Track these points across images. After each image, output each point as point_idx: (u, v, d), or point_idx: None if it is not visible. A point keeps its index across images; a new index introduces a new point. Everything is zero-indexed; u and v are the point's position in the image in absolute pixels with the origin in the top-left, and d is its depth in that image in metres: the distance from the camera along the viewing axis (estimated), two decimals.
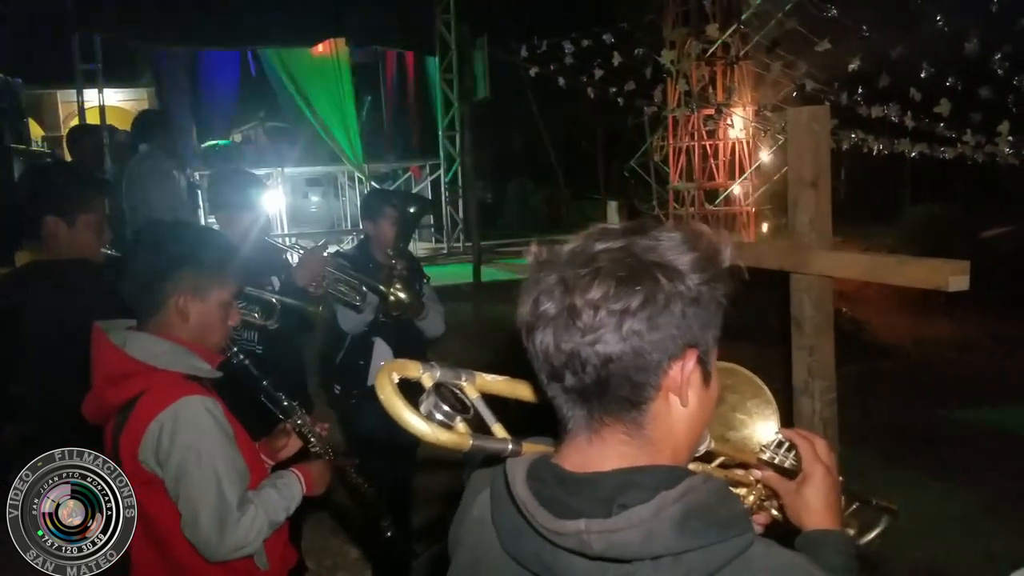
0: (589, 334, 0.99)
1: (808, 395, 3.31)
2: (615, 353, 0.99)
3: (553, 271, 1.03)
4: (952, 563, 4.74)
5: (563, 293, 1.01)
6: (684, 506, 0.97)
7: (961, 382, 9.19)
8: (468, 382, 1.16)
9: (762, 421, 1.47)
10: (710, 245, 1.05)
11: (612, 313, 0.98)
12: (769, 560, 1.00)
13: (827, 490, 1.34)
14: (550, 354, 1.03)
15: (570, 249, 1.05)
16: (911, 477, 6.03)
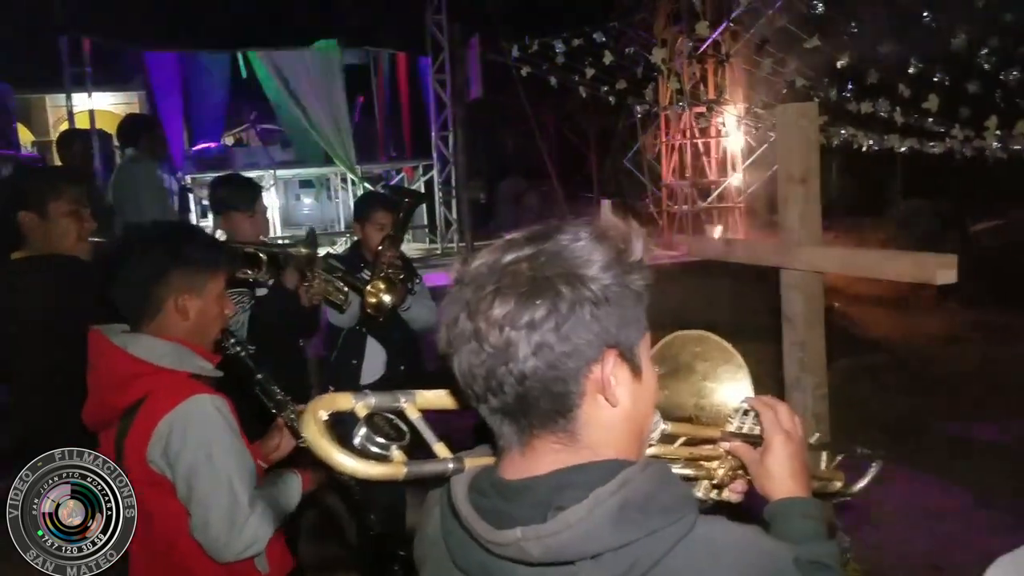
0: (499, 355, 0.99)
1: (800, 390, 3.33)
2: (529, 370, 0.98)
3: (460, 293, 1.03)
4: (947, 556, 4.77)
5: (467, 317, 1.01)
6: (620, 499, 0.97)
7: (952, 375, 9.24)
8: (407, 403, 1.15)
9: (734, 386, 1.45)
10: (620, 240, 1.04)
11: (518, 330, 0.97)
12: (714, 540, 1.00)
13: (789, 457, 1.32)
14: (468, 378, 1.03)
15: (477, 266, 1.05)
16: (904, 471, 6.05)
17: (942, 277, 2.45)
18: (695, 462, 1.37)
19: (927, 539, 5.15)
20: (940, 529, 5.29)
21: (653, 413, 1.18)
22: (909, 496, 5.65)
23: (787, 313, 3.29)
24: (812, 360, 3.28)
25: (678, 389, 1.47)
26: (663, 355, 1.49)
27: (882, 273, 2.79)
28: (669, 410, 1.43)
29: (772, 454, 1.33)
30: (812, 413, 3.31)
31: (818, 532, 1.28)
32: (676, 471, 1.32)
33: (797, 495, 1.31)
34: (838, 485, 1.66)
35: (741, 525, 1.06)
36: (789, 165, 3.16)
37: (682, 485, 1.07)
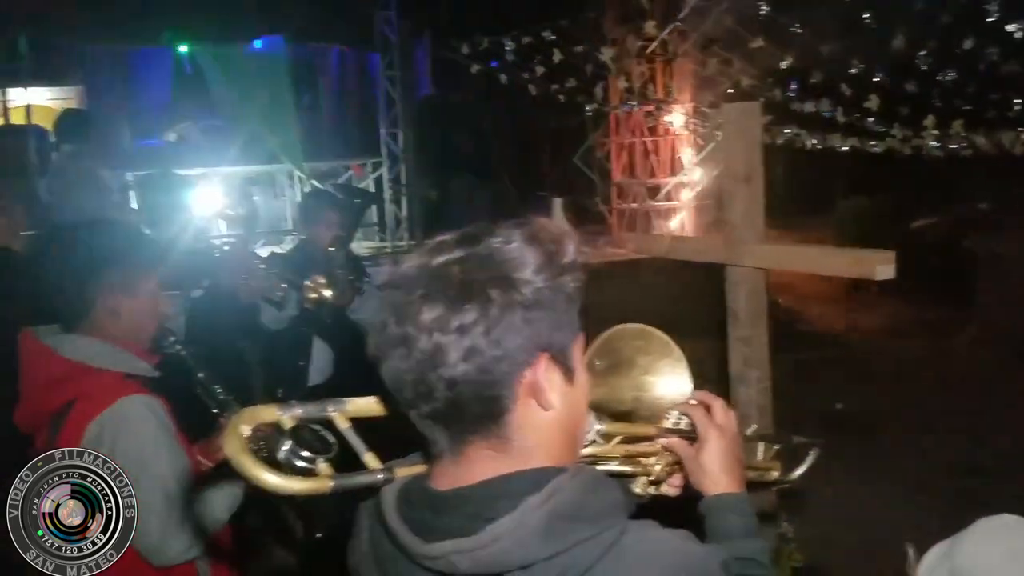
0: (429, 360, 0.97)
1: (744, 384, 3.39)
2: (459, 375, 0.97)
3: (388, 297, 1.02)
4: (885, 547, 4.89)
5: (395, 322, 0.99)
6: (549, 510, 0.96)
7: (892, 369, 9.49)
8: (337, 412, 1.12)
9: (674, 380, 1.45)
10: (551, 242, 1.03)
11: (448, 335, 0.96)
12: (643, 547, 1.00)
13: (721, 453, 1.33)
14: (397, 385, 1.01)
15: (405, 269, 1.03)
16: (845, 463, 6.18)
17: (881, 273, 2.51)
18: (632, 459, 1.37)
19: (866, 529, 5.27)
20: (879, 519, 5.43)
21: (587, 415, 1.18)
22: (850, 487, 5.78)
23: (732, 309, 3.34)
24: (756, 354, 3.33)
25: (619, 383, 1.47)
26: (604, 349, 1.49)
27: (823, 269, 2.85)
28: (609, 404, 1.43)
29: (706, 450, 1.34)
30: (756, 406, 3.37)
31: (749, 529, 1.29)
32: (614, 468, 1.33)
33: (730, 491, 1.32)
34: (775, 474, 1.68)
35: (671, 531, 1.06)
36: (733, 164, 3.21)
37: (613, 491, 1.06)
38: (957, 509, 5.48)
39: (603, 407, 1.42)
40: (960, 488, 5.86)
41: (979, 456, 6.48)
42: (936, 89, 6.54)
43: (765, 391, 3.40)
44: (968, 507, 5.85)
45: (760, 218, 3.21)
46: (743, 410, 3.37)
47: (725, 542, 1.27)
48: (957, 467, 6.34)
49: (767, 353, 3.37)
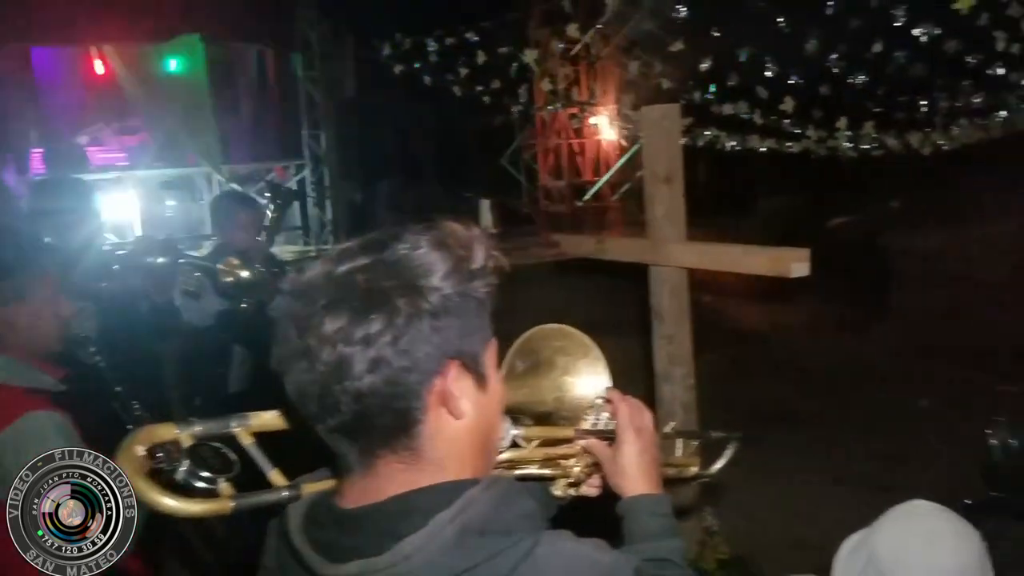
0: (333, 373, 0.93)
1: (669, 382, 3.43)
2: (366, 387, 0.93)
3: (290, 307, 0.98)
4: (812, 537, 5.00)
5: (298, 334, 0.95)
6: (460, 524, 0.94)
7: (812, 365, 9.76)
8: (240, 427, 1.08)
9: (593, 379, 1.45)
10: (460, 247, 1.00)
11: (352, 346, 0.92)
12: (555, 558, 0.99)
13: (639, 454, 1.33)
14: (301, 398, 0.97)
15: (308, 278, 0.99)
16: (771, 458, 6.33)
17: (796, 270, 2.58)
18: (552, 461, 1.36)
19: (790, 519, 5.40)
20: (803, 509, 5.56)
21: (501, 421, 1.15)
22: (774, 480, 5.92)
23: (655, 308, 3.38)
24: (680, 352, 3.38)
25: (539, 384, 1.45)
26: (524, 350, 1.48)
27: (742, 267, 2.90)
28: (530, 405, 1.42)
29: (622, 451, 1.33)
30: (681, 403, 3.42)
31: (665, 529, 1.29)
32: (533, 472, 1.32)
33: (647, 492, 1.32)
34: (694, 469, 1.69)
35: (584, 541, 1.05)
36: (654, 165, 3.25)
37: (526, 501, 1.04)
38: (877, 499, 5.65)
39: (524, 408, 1.41)
40: (879, 478, 6.04)
41: (897, 447, 6.70)
42: (848, 92, 6.77)
43: (690, 388, 3.45)
44: (887, 497, 6.04)
45: (681, 218, 3.26)
46: (668, 407, 3.41)
47: (642, 543, 1.27)
48: (877, 458, 6.54)
49: (691, 351, 3.42)
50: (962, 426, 6.02)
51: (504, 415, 1.18)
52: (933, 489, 6.04)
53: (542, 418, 1.43)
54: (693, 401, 3.43)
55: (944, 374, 8.64)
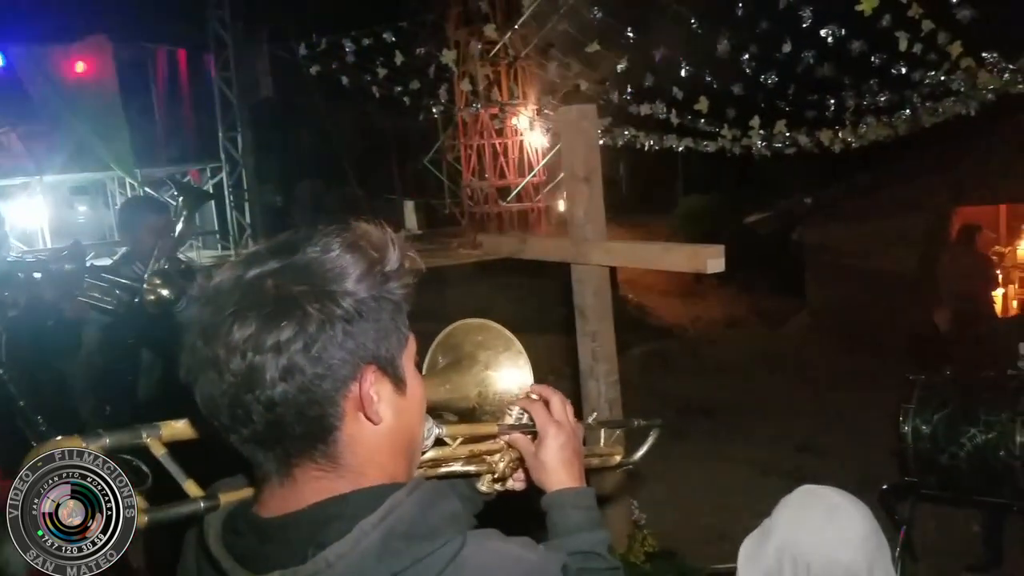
0: (243, 382, 0.90)
1: (594, 378, 3.46)
2: (278, 396, 0.91)
3: (199, 315, 0.95)
4: (736, 526, 5.12)
5: (206, 342, 0.92)
6: (384, 530, 0.93)
7: (733, 357, 10.02)
8: (151, 438, 1.05)
9: (516, 373, 1.44)
10: (373, 249, 0.98)
11: (263, 354, 0.89)
12: (482, 559, 0.98)
13: (560, 448, 1.33)
14: (211, 409, 0.94)
15: (216, 284, 0.95)
16: (695, 449, 6.46)
17: (712, 266, 2.64)
18: (477, 458, 1.35)
19: (715, 511, 5.51)
20: (727, 501, 5.69)
21: (423, 422, 1.14)
22: (698, 472, 6.04)
23: (578, 306, 3.41)
24: (603, 349, 3.42)
25: (461, 380, 1.44)
26: (445, 345, 1.47)
27: (661, 264, 2.95)
28: (453, 402, 1.42)
29: (544, 445, 1.33)
30: (606, 399, 3.46)
31: (589, 521, 1.30)
32: (458, 469, 1.32)
33: (569, 485, 1.32)
34: (618, 458, 1.70)
35: (511, 540, 1.05)
36: (573, 165, 3.27)
37: (452, 503, 1.03)
38: (797, 485, 5.83)
39: (447, 405, 1.40)
40: (799, 466, 6.23)
41: (812, 435, 6.93)
42: (760, 91, 6.96)
43: (614, 384, 3.49)
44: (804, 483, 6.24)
45: (601, 217, 3.29)
46: (594, 403, 3.45)
47: (566, 536, 1.28)
48: (796, 446, 6.74)
49: (614, 347, 3.46)
50: (876, 414, 6.27)
51: (427, 414, 1.16)
52: (851, 476, 6.29)
53: (465, 414, 1.42)
54: (618, 396, 3.48)
55: (857, 363, 8.98)
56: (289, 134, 15.67)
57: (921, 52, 6.04)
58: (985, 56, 6.36)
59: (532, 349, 1.52)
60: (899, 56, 6.22)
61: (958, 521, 4.71)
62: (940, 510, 4.40)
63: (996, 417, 4.03)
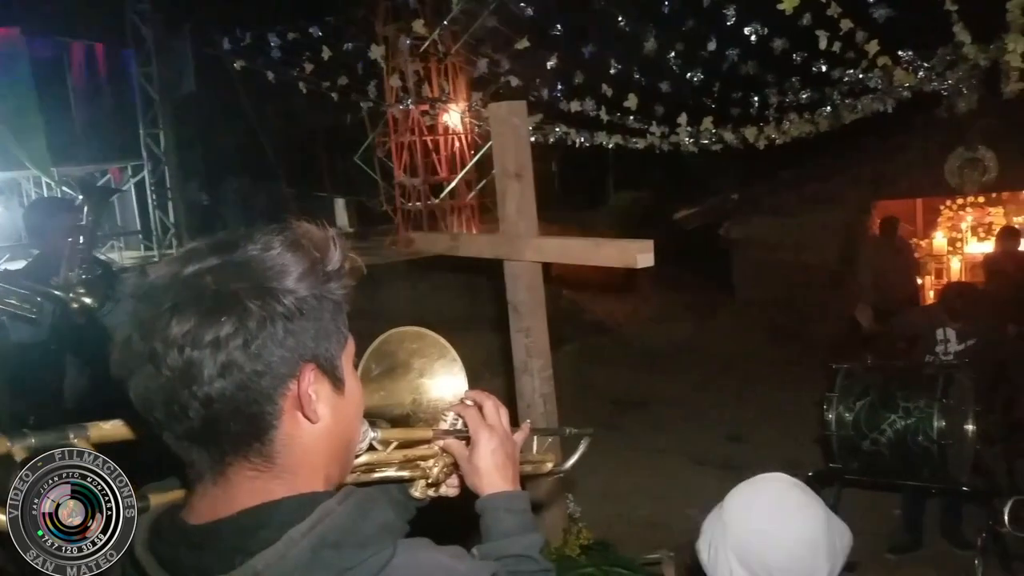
0: (181, 378, 0.89)
1: (528, 374, 3.47)
2: (216, 392, 0.90)
3: (134, 310, 0.94)
4: (671, 517, 5.23)
5: (142, 337, 0.91)
6: (314, 538, 0.92)
7: (666, 350, 10.19)
8: (79, 439, 1.02)
9: (450, 380, 1.45)
10: (315, 248, 0.98)
11: (201, 350, 0.89)
12: (411, 568, 0.98)
13: (493, 452, 1.33)
14: (146, 405, 0.93)
15: (153, 279, 0.94)
16: (628, 441, 6.56)
17: (642, 261, 2.67)
18: (411, 463, 1.35)
19: (649, 501, 5.61)
20: (660, 491, 5.79)
21: (360, 424, 1.13)
22: (633, 463, 6.14)
23: (512, 302, 3.41)
24: (537, 345, 3.42)
25: (396, 387, 1.44)
26: (380, 353, 1.46)
27: (592, 260, 2.97)
28: (387, 409, 1.41)
29: (477, 450, 1.34)
30: (540, 394, 3.47)
31: (522, 525, 1.30)
32: (391, 475, 1.31)
33: (502, 489, 1.33)
34: (550, 465, 1.72)
35: (441, 550, 1.05)
36: (504, 161, 3.27)
37: (383, 513, 1.03)
38: (727, 476, 5.96)
39: (381, 412, 1.40)
40: (730, 455, 6.38)
41: (740, 425, 7.09)
42: (686, 89, 7.09)
43: (548, 380, 3.50)
44: (736, 474, 6.40)
45: (533, 213, 3.30)
46: (528, 399, 3.46)
47: (499, 540, 1.28)
48: (726, 436, 6.90)
49: (547, 342, 3.47)
50: (801, 403, 6.46)
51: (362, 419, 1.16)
52: (778, 463, 6.43)
53: (400, 421, 1.42)
54: (552, 392, 3.49)
55: (783, 354, 9.24)
56: (214, 131, 15.28)
57: (840, 50, 6.22)
58: (901, 54, 6.60)
59: (466, 346, 1.52)
60: (819, 54, 6.41)
61: (880, 505, 4.88)
62: (863, 494, 4.56)
63: (915, 404, 4.19)
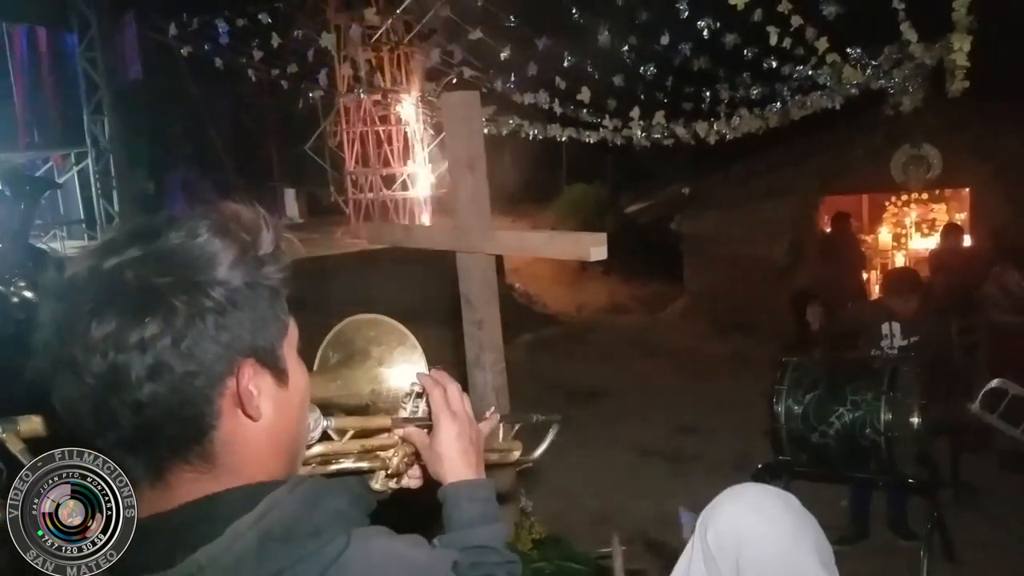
0: (106, 385, 0.84)
1: (480, 367, 3.44)
2: (146, 398, 0.84)
3: (52, 312, 0.87)
4: (621, 508, 5.25)
5: (61, 342, 0.85)
6: (261, 530, 0.88)
7: (616, 342, 10.25)
8: (8, 432, 0.96)
9: (410, 368, 1.40)
10: (245, 232, 0.92)
11: (126, 353, 0.83)
12: (368, 559, 0.94)
13: (456, 438, 1.28)
14: (72, 415, 0.87)
15: (70, 276, 0.87)
16: (580, 434, 6.56)
17: (595, 254, 2.66)
18: (369, 454, 1.29)
19: (601, 493, 5.62)
20: (612, 484, 5.82)
21: (307, 415, 1.08)
22: (585, 456, 6.14)
23: (464, 294, 3.38)
24: (490, 337, 3.40)
25: (353, 376, 1.39)
26: (337, 342, 1.42)
27: (545, 252, 2.96)
28: (346, 399, 1.36)
29: (438, 436, 1.28)
30: (493, 387, 3.44)
31: (484, 515, 1.25)
32: (349, 466, 1.25)
33: (465, 477, 1.27)
34: (516, 454, 1.66)
35: (399, 538, 1.01)
36: (457, 152, 3.23)
37: (336, 500, 0.99)
38: (678, 469, 6.03)
39: (339, 403, 1.35)
40: (680, 447, 6.43)
41: (691, 417, 7.16)
42: (639, 83, 7.13)
43: (501, 372, 3.47)
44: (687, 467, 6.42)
45: (486, 205, 3.27)
46: (481, 393, 3.43)
47: (460, 530, 1.23)
48: (677, 428, 6.95)
49: (500, 335, 3.45)
50: (751, 395, 6.54)
51: (313, 406, 1.11)
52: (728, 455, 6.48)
53: (359, 412, 1.37)
54: (505, 385, 3.47)
55: (733, 346, 9.36)
56: (161, 118, 14.94)
57: (790, 46, 6.32)
58: (849, 52, 6.72)
59: (418, 339, 1.48)
60: (770, 50, 6.50)
61: (827, 496, 4.96)
62: (811, 486, 4.63)
63: (862, 397, 4.26)
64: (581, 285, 14.06)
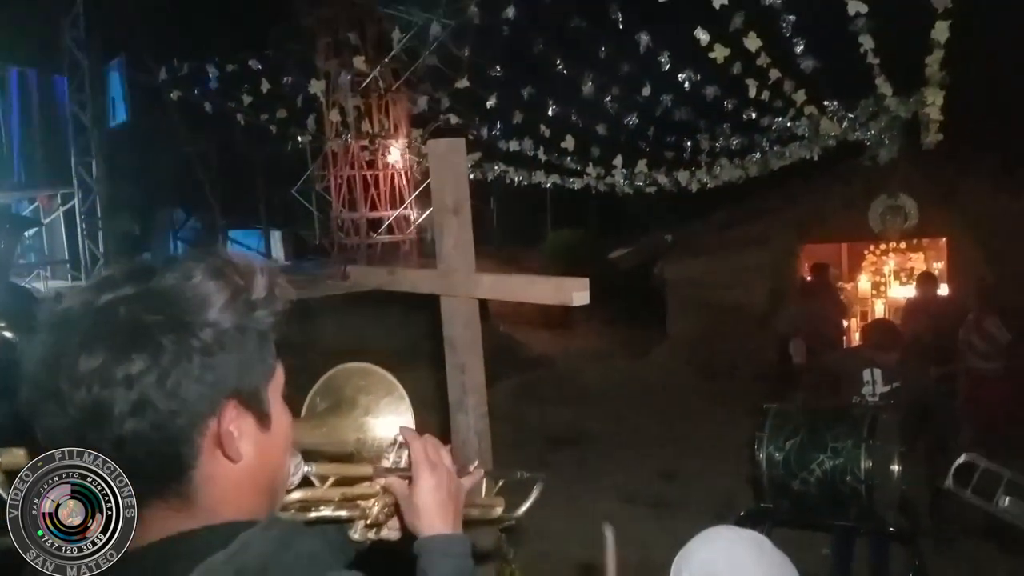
0: (90, 418, 0.84)
1: (463, 411, 3.45)
2: (128, 433, 0.85)
3: (43, 344, 0.88)
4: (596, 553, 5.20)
5: (48, 373, 0.86)
6: (234, 569, 0.87)
7: (599, 387, 10.25)
8: None
9: (396, 419, 1.40)
10: (238, 276, 0.93)
11: (110, 388, 0.84)
12: None
13: (433, 490, 1.27)
14: (54, 446, 0.88)
15: (64, 309, 0.88)
16: (562, 478, 6.53)
17: (577, 299, 2.69)
18: (350, 502, 1.28)
19: (581, 539, 5.57)
20: (593, 529, 5.77)
21: (288, 459, 1.08)
22: (566, 501, 6.12)
23: (448, 338, 3.40)
24: (473, 381, 3.41)
25: (340, 424, 1.38)
26: (326, 389, 1.42)
27: (528, 296, 2.98)
28: (331, 447, 1.36)
29: (417, 488, 1.27)
30: (475, 432, 3.45)
31: (458, 571, 1.24)
32: (328, 514, 1.24)
33: (441, 531, 1.26)
34: (499, 511, 1.64)
35: None
36: (442, 196, 3.29)
37: (311, 543, 0.98)
38: (659, 515, 6.01)
39: (325, 450, 1.33)
40: (662, 493, 6.42)
41: (674, 462, 7.15)
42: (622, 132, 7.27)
43: (483, 417, 3.48)
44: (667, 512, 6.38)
45: (470, 249, 3.31)
46: (463, 436, 3.43)
47: None
48: (659, 474, 6.94)
49: (483, 379, 3.46)
50: (732, 441, 6.54)
51: (295, 451, 1.11)
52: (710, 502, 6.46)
53: (343, 460, 1.35)
54: (487, 429, 3.47)
55: (715, 391, 9.38)
56: (149, 161, 15.00)
57: (769, 99, 6.47)
58: (827, 104, 6.88)
59: (401, 382, 1.49)
60: (749, 102, 6.65)
61: (810, 544, 4.94)
62: (793, 533, 4.62)
63: (843, 444, 4.26)
64: (564, 329, 14.09)
